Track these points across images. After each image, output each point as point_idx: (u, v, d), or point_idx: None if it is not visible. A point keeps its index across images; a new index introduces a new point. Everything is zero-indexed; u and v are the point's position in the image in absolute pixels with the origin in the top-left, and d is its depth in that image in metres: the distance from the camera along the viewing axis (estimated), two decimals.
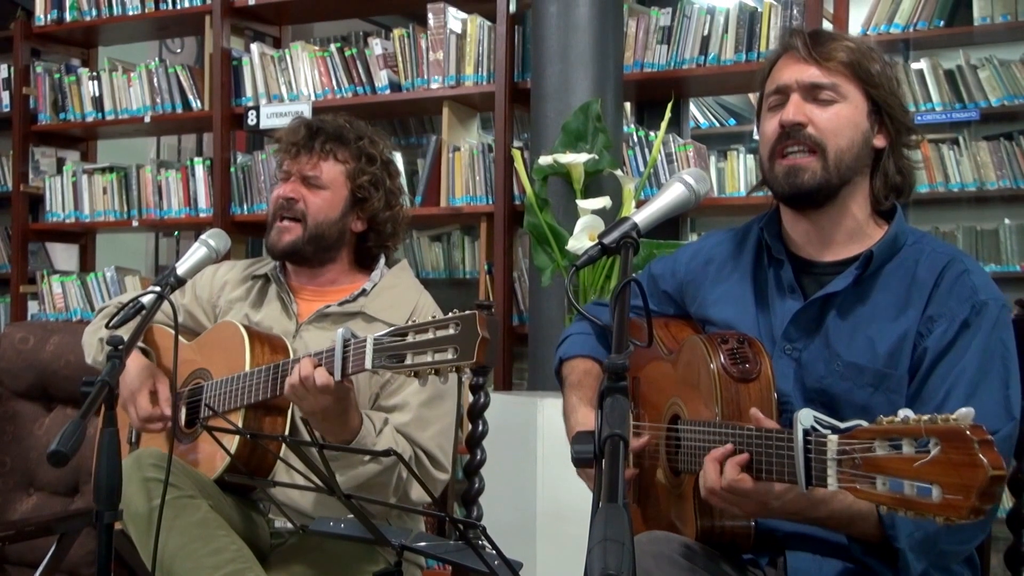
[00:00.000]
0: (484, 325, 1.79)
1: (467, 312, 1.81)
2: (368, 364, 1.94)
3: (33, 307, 5.11)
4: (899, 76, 1.88)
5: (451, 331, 1.81)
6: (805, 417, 1.43)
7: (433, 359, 1.83)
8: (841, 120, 1.78)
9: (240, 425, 2.18)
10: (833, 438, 1.39)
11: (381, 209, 2.44)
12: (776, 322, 1.84)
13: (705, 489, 1.59)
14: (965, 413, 1.27)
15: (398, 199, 2.49)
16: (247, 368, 2.21)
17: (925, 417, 1.29)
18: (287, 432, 2.22)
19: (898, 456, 1.30)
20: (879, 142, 1.82)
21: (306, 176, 2.40)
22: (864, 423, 1.37)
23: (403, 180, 2.68)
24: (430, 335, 1.84)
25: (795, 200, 1.81)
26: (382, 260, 2.50)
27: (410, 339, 1.87)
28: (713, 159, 3.98)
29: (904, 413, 1.32)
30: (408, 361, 1.86)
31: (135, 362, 2.35)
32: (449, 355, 1.81)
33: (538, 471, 3.06)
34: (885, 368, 1.72)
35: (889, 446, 1.31)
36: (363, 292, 2.42)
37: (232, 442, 2.15)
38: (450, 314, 1.84)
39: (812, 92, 1.79)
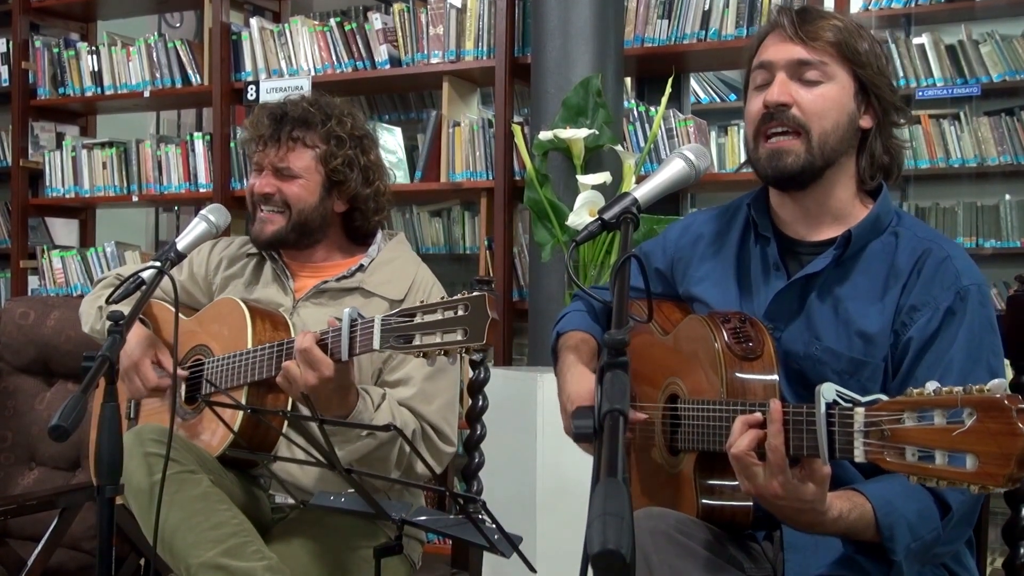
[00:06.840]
0: (493, 306, 1.78)
1: (476, 293, 1.80)
2: (376, 344, 1.92)
3: (33, 282, 5.11)
4: (888, 53, 1.83)
5: (460, 312, 1.81)
6: (828, 391, 1.42)
7: (442, 340, 1.82)
8: (827, 102, 1.75)
9: (243, 402, 2.18)
10: (859, 410, 1.39)
11: (360, 187, 2.41)
12: (758, 301, 1.83)
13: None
14: (998, 384, 1.27)
15: (377, 174, 2.45)
16: (249, 345, 2.21)
17: (957, 388, 1.29)
18: (288, 408, 2.22)
19: (929, 427, 1.30)
20: (865, 123, 1.80)
21: (277, 168, 2.37)
22: (884, 397, 1.38)
23: (383, 152, 2.61)
24: (438, 316, 1.83)
25: (779, 183, 1.80)
26: (379, 235, 2.48)
27: (418, 320, 1.86)
28: (713, 134, 3.97)
29: (933, 385, 1.32)
30: (416, 342, 1.85)
31: (135, 332, 2.34)
32: (459, 336, 1.80)
33: (538, 446, 3.07)
34: (861, 356, 1.71)
35: (918, 417, 1.32)
36: (360, 267, 2.41)
37: (236, 418, 2.15)
38: (459, 295, 1.83)
39: (798, 70, 1.77)
